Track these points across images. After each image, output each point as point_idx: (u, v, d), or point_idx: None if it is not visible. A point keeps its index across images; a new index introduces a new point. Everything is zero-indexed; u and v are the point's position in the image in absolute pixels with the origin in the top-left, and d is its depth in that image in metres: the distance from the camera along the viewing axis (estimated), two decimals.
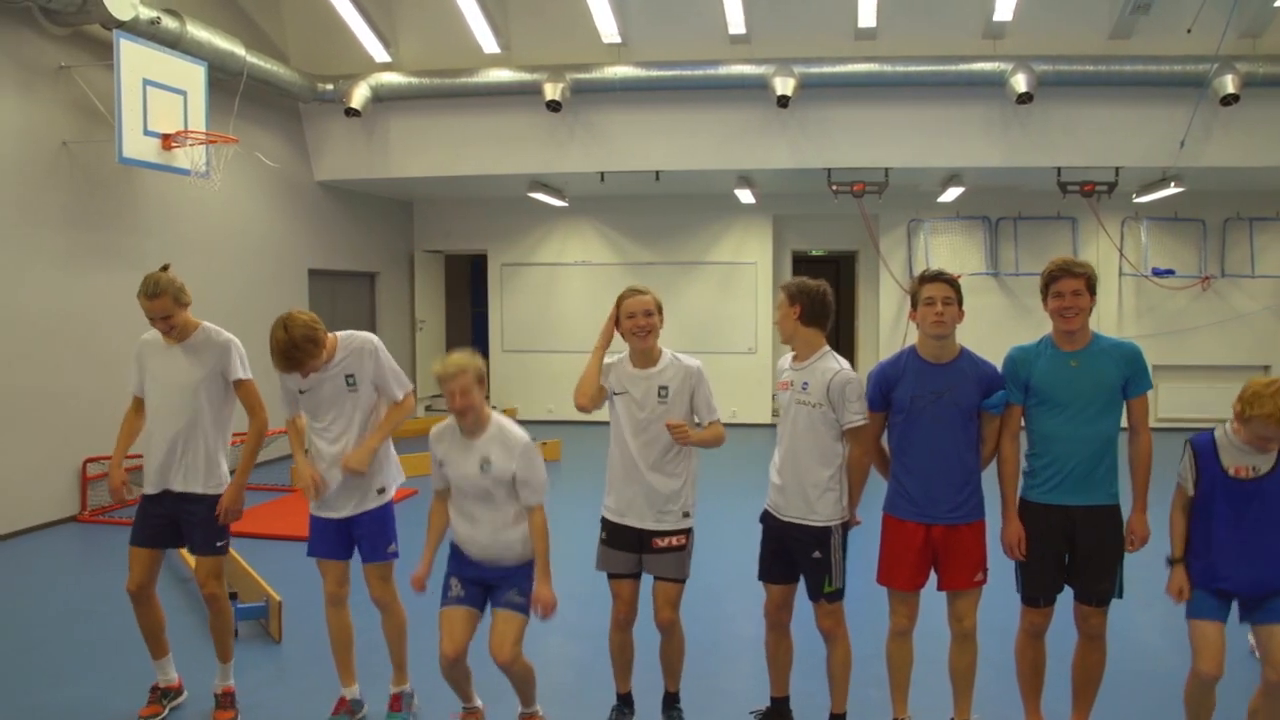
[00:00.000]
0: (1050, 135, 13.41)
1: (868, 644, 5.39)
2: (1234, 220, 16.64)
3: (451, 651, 4.70)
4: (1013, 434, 4.79)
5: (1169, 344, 15.94)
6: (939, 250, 16.96)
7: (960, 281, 4.74)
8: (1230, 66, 12.44)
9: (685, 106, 13.67)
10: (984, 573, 4.76)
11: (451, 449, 4.78)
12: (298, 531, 9.12)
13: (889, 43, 13.24)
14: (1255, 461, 4.30)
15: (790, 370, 4.94)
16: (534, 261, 17.89)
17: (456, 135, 14.15)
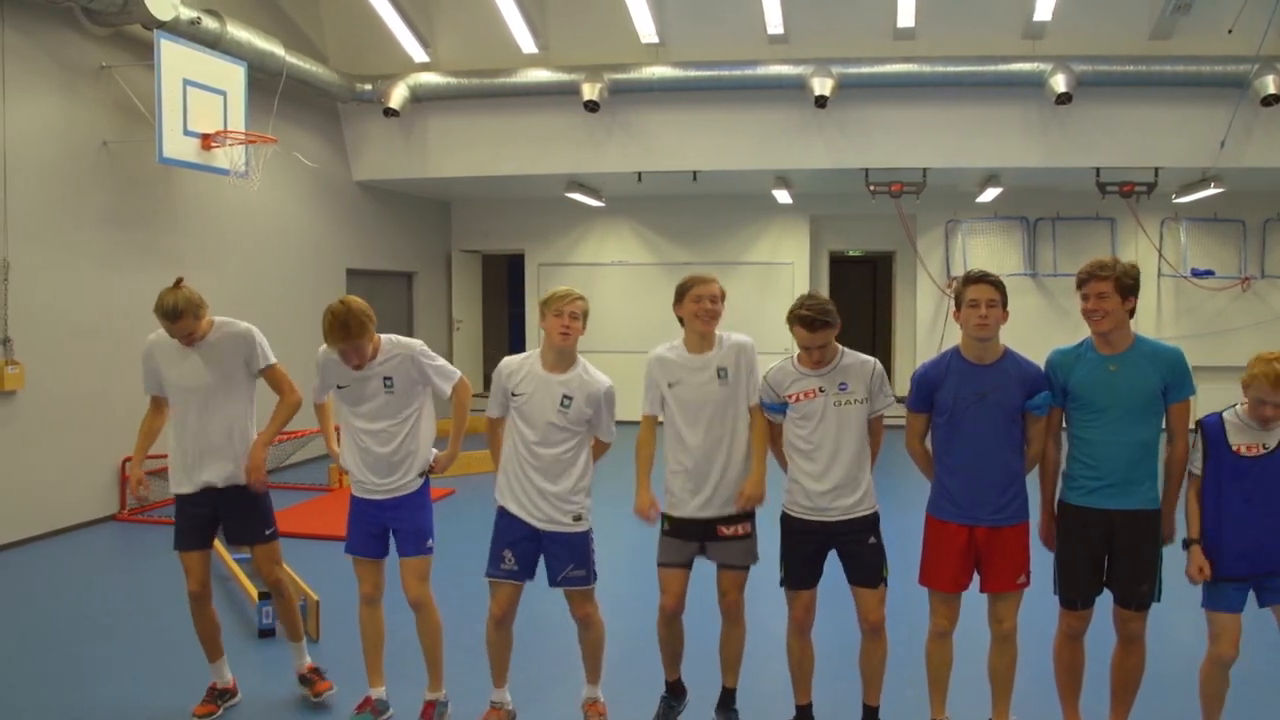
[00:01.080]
0: (1089, 136, 13.32)
1: (906, 645, 5.38)
2: (1274, 221, 16.51)
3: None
4: (1053, 435, 4.80)
5: (1208, 345, 15.77)
6: (977, 251, 16.87)
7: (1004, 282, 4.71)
8: (1271, 67, 12.31)
9: (723, 107, 13.67)
10: (1027, 575, 4.75)
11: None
12: (334, 531, 9.19)
13: (928, 43, 13.19)
14: (1264, 439, 4.38)
15: (812, 377, 4.88)
16: (571, 261, 17.93)
17: (494, 135, 14.20)
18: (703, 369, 4.99)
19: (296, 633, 5.52)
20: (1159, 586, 4.66)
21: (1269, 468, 4.40)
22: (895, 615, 5.03)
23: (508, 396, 5.04)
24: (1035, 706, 5.21)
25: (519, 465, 5.01)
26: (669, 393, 5.00)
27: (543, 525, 4.98)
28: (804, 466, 4.88)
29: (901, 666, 5.67)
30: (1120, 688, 4.84)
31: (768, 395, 4.93)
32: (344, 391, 5.15)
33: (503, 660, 5.21)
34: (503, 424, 5.12)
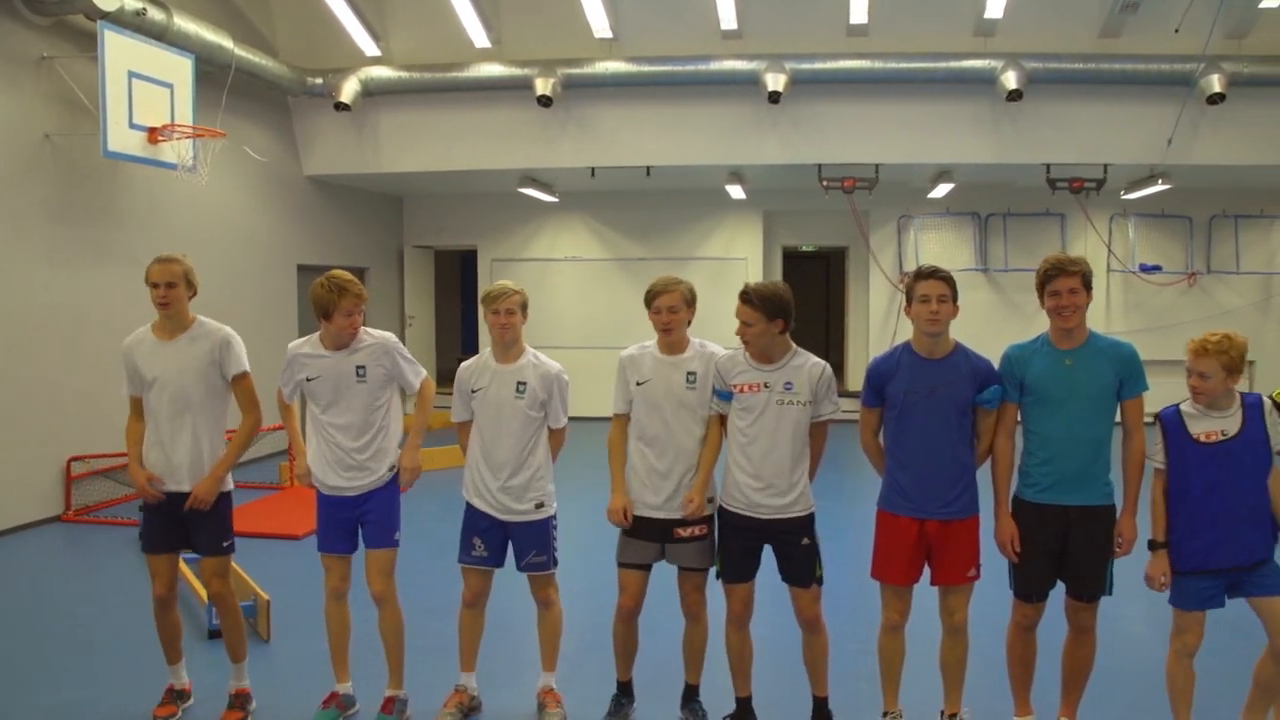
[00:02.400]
0: (1040, 132, 13.45)
1: (858, 638, 5.39)
2: (1220, 217, 16.76)
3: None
4: (1008, 431, 4.81)
5: (1156, 339, 15.91)
6: (929, 246, 16.99)
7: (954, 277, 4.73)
8: (1217, 66, 12.52)
9: (677, 102, 13.66)
10: (977, 568, 4.78)
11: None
12: (285, 529, 9.15)
13: (880, 39, 13.25)
14: (1222, 425, 4.43)
15: (760, 371, 4.89)
16: (524, 257, 17.85)
17: (447, 130, 14.11)
18: (673, 370, 5.01)
19: (239, 652, 5.38)
20: (1110, 580, 4.71)
21: (1231, 453, 4.43)
22: (848, 609, 5.06)
23: (468, 397, 5.18)
24: (987, 697, 5.23)
25: (483, 463, 5.15)
26: (636, 391, 5.02)
27: (506, 517, 5.13)
28: (739, 460, 4.89)
29: (855, 660, 5.70)
30: (1071, 678, 4.90)
31: (717, 381, 4.94)
32: (314, 384, 5.14)
33: (472, 644, 5.33)
34: (469, 427, 5.24)
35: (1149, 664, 4.98)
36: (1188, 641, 4.52)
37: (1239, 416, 4.46)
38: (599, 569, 5.43)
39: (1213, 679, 4.84)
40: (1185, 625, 4.53)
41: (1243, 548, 4.42)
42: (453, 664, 5.41)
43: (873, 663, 5.03)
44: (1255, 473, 4.43)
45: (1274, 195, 16.46)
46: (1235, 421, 4.45)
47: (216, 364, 5.18)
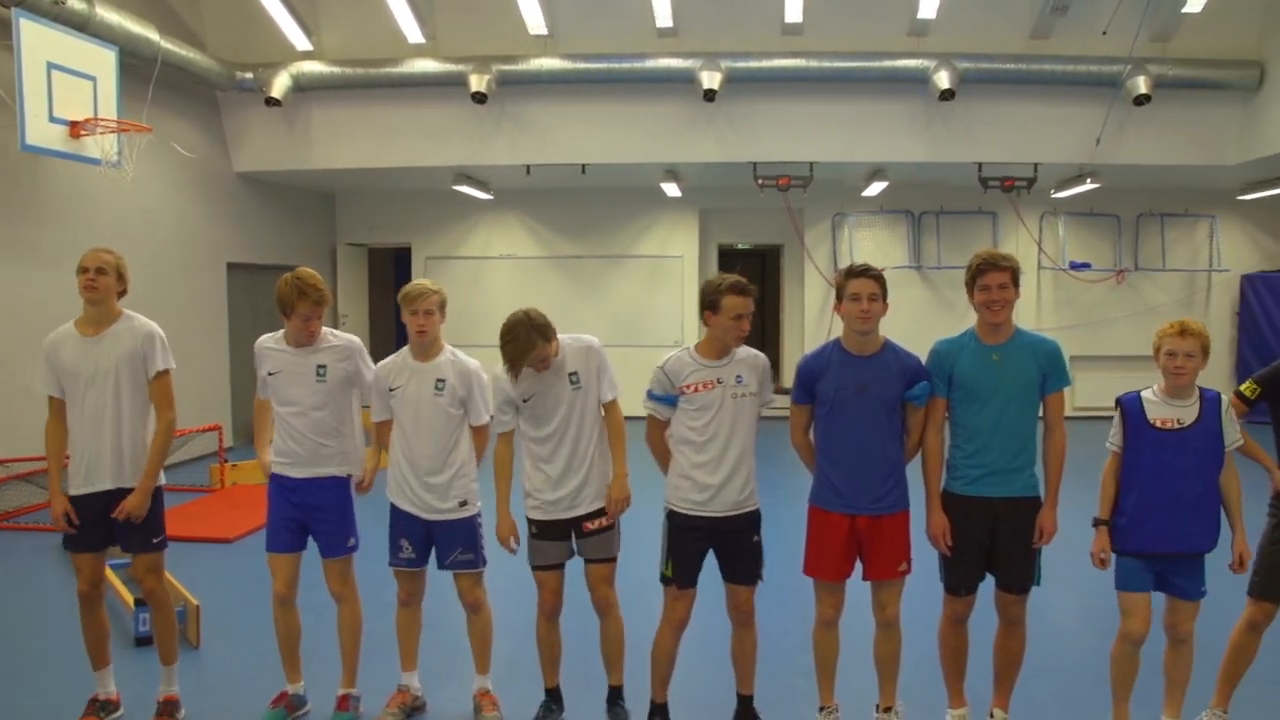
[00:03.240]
0: (972, 132, 13.62)
1: (794, 634, 5.39)
2: (1147, 216, 17.09)
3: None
4: (936, 426, 4.85)
5: (1086, 336, 16.26)
6: (863, 244, 17.11)
7: (885, 274, 4.74)
8: (1143, 68, 12.79)
9: (612, 99, 13.64)
10: (908, 563, 4.81)
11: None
12: (216, 533, 9.00)
13: (815, 39, 13.32)
14: (1179, 414, 4.56)
15: (710, 368, 4.87)
16: (459, 255, 17.72)
17: (380, 127, 13.97)
18: (556, 378, 4.95)
19: (170, 654, 5.27)
20: (1038, 571, 4.77)
21: (1185, 443, 4.56)
22: (782, 606, 5.05)
23: (387, 396, 5.14)
24: (921, 690, 5.28)
25: (405, 463, 5.11)
26: (525, 406, 4.94)
27: (430, 516, 5.10)
28: (694, 459, 4.85)
29: (790, 656, 5.71)
30: (1003, 669, 4.96)
31: (661, 386, 4.86)
32: (276, 379, 5.11)
33: (411, 644, 5.31)
34: (389, 426, 5.21)
35: (1079, 655, 5.05)
36: (1132, 627, 4.64)
37: (1197, 408, 4.60)
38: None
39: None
40: (1128, 608, 4.66)
41: (1183, 536, 4.57)
42: (391, 665, 5.36)
43: (808, 658, 5.04)
44: (1206, 464, 4.59)
45: (1198, 195, 16.82)
46: (1193, 412, 4.59)
47: (142, 359, 5.07)
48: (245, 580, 7.55)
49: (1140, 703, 4.80)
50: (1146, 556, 4.62)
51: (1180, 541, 4.58)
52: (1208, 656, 4.97)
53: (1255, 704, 5.23)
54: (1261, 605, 4.83)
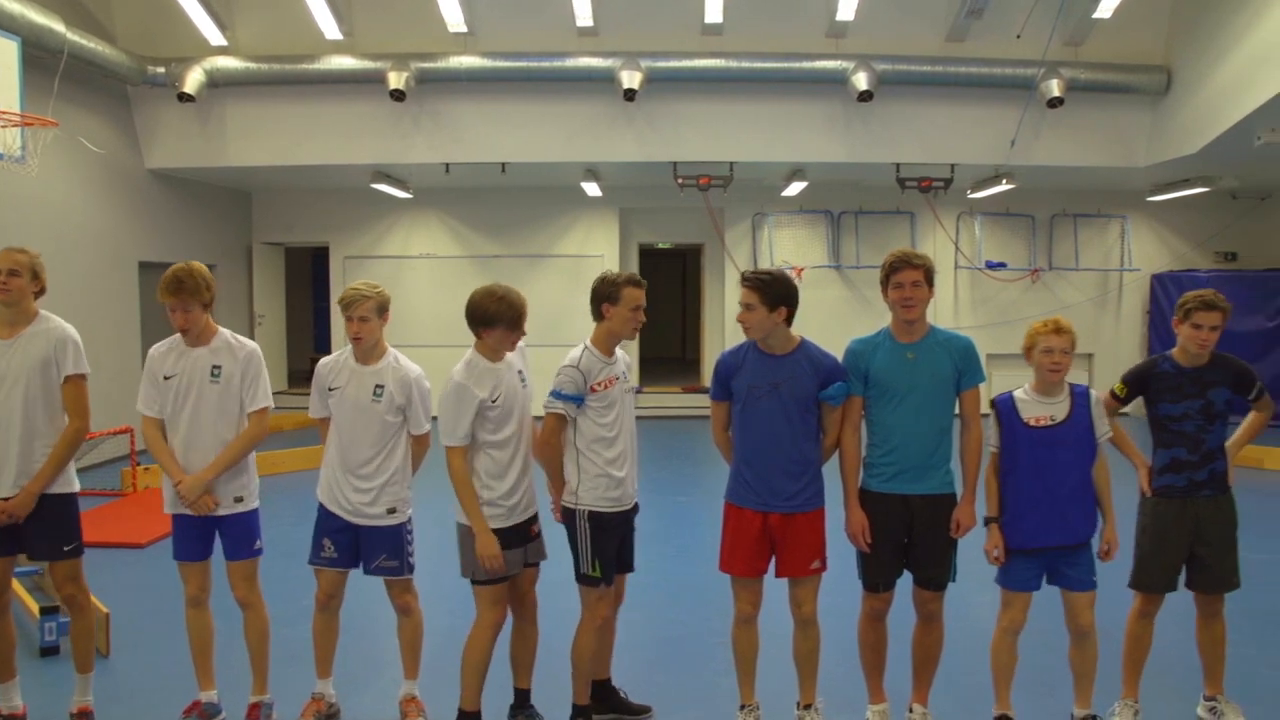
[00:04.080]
0: (890, 132, 13.78)
1: (718, 632, 5.40)
2: (1060, 216, 17.44)
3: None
4: (853, 425, 4.89)
5: (1002, 334, 16.49)
6: (783, 243, 17.22)
7: (800, 274, 4.79)
8: (1056, 71, 13.06)
9: (532, 98, 13.59)
10: (821, 561, 4.84)
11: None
12: (127, 538, 8.80)
13: (735, 39, 13.39)
14: (1051, 411, 4.74)
15: (608, 365, 4.92)
16: (378, 254, 17.53)
17: (297, 124, 13.78)
18: (509, 372, 4.92)
19: (87, 663, 5.12)
20: (954, 567, 4.85)
21: (1058, 438, 4.73)
22: (707, 604, 5.06)
23: (326, 394, 5.06)
24: (841, 686, 5.32)
25: (338, 463, 5.02)
26: (492, 409, 4.81)
27: (357, 520, 5.00)
28: (607, 455, 4.87)
29: (713, 655, 5.71)
30: (921, 664, 5.02)
31: (575, 385, 4.81)
32: (170, 384, 4.93)
33: (327, 650, 5.19)
34: (329, 423, 5.11)
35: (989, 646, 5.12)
36: (1013, 619, 4.83)
37: (1067, 404, 4.77)
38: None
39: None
40: (1009, 601, 4.85)
41: (1065, 527, 4.73)
42: (308, 671, 5.26)
43: (731, 655, 5.04)
44: (1079, 458, 4.76)
45: (1110, 195, 17.19)
46: (1064, 408, 4.76)
47: (54, 364, 4.92)
48: (157, 586, 7.37)
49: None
50: (1032, 553, 4.76)
51: (1062, 533, 4.74)
52: (1115, 647, 5.10)
53: (1162, 690, 5.37)
54: (1143, 594, 5.02)
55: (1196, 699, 5.23)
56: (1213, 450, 4.93)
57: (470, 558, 4.81)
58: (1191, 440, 4.90)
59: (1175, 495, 4.94)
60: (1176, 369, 4.95)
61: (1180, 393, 4.91)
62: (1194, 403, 4.89)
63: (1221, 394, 4.91)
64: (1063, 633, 4.94)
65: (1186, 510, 4.92)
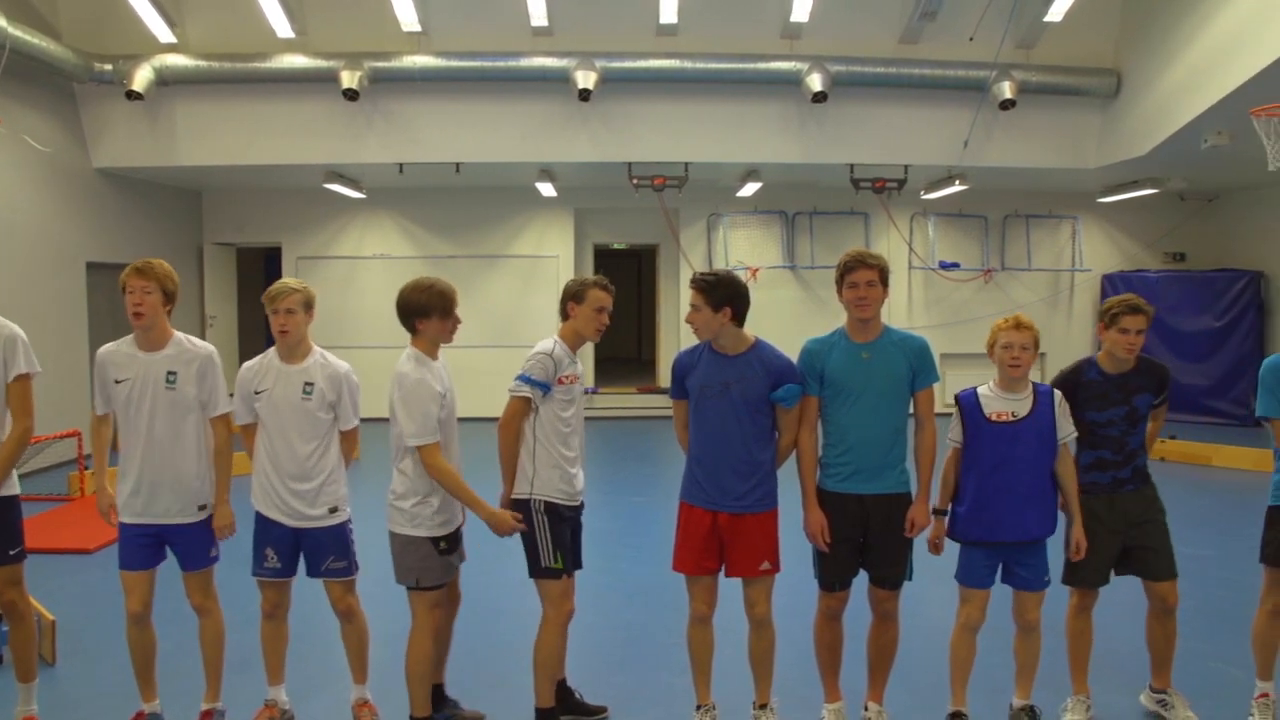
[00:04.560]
0: (844, 133, 13.84)
1: (674, 632, 5.40)
2: (1013, 217, 17.62)
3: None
4: (810, 425, 4.89)
5: (955, 334, 16.63)
6: (737, 244, 17.26)
7: (738, 276, 4.80)
8: (1008, 74, 13.17)
9: (486, 98, 13.53)
10: (772, 563, 4.83)
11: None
12: (75, 543, 8.68)
13: (689, 40, 13.41)
14: (1014, 407, 4.80)
15: (575, 362, 4.93)
16: (331, 255, 17.39)
17: (248, 123, 13.62)
18: (444, 371, 4.93)
19: (29, 671, 5.02)
20: (911, 566, 4.88)
21: (1020, 434, 4.78)
22: (663, 605, 5.05)
23: (251, 399, 4.96)
24: (797, 685, 5.33)
25: (271, 468, 4.94)
26: (443, 412, 4.82)
27: (298, 523, 4.92)
28: (564, 451, 4.87)
29: (669, 655, 5.71)
30: (877, 663, 5.05)
31: (545, 372, 4.78)
32: (122, 388, 4.83)
33: (277, 656, 5.13)
34: (254, 430, 5.01)
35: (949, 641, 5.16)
36: (971, 615, 4.91)
37: (1030, 401, 4.82)
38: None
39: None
40: (968, 599, 4.93)
41: (1021, 524, 4.79)
42: (257, 678, 5.21)
43: (685, 655, 5.03)
44: (1039, 455, 4.82)
45: (1061, 196, 17.38)
46: (1026, 405, 4.81)
47: (3, 361, 4.80)
48: (105, 593, 7.25)
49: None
50: (989, 546, 4.83)
51: (1018, 530, 4.80)
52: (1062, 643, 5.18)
53: (1109, 684, 5.43)
54: (1077, 590, 5.12)
55: (1141, 691, 5.31)
56: (1135, 450, 5.02)
57: (408, 563, 4.80)
58: (1116, 443, 4.99)
59: (1101, 492, 5.02)
60: (1103, 376, 5.02)
61: (1106, 400, 4.98)
62: (1119, 410, 4.97)
63: (1146, 399, 5.01)
64: (1012, 631, 5.02)
65: (1114, 505, 5.00)
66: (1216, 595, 6.98)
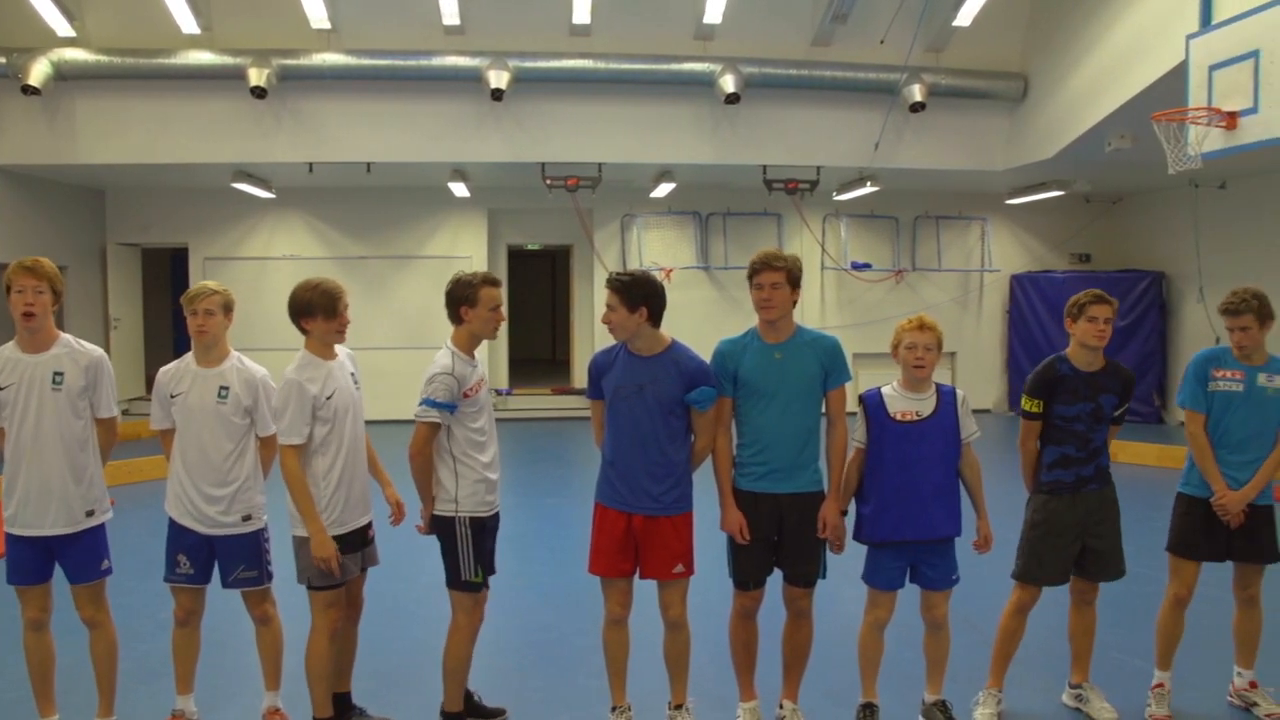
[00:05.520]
0: (757, 134, 13.92)
1: (589, 634, 5.38)
2: (923, 218, 17.87)
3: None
4: (724, 425, 4.90)
5: (868, 333, 16.80)
6: (651, 244, 17.29)
7: (653, 277, 4.79)
8: (918, 77, 13.36)
9: (398, 97, 13.39)
10: (686, 565, 4.81)
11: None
12: None
13: (603, 40, 13.39)
14: (918, 407, 4.86)
15: (475, 368, 4.90)
16: (239, 255, 17.07)
17: (153, 120, 13.31)
18: (341, 371, 4.89)
19: None
20: (824, 564, 4.90)
21: (924, 434, 4.85)
22: (577, 607, 5.02)
23: (168, 403, 4.85)
24: (713, 685, 5.35)
25: (185, 474, 4.82)
26: (326, 405, 4.74)
27: (211, 530, 4.81)
28: (483, 460, 4.83)
29: (584, 658, 5.68)
30: (791, 661, 5.07)
31: (447, 394, 4.69)
32: (6, 393, 4.66)
33: (188, 665, 5.01)
34: (171, 435, 4.89)
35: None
36: (879, 616, 4.99)
37: (934, 402, 4.89)
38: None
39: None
40: (877, 601, 5.01)
41: (927, 523, 4.85)
42: (164, 687, 5.09)
43: (600, 659, 5.01)
44: (943, 454, 4.89)
45: (970, 198, 17.66)
46: (930, 405, 4.88)
47: None
48: None
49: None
50: (895, 545, 4.88)
51: (924, 529, 4.86)
52: (983, 638, 5.22)
53: (1026, 681, 5.52)
54: (1026, 588, 5.18)
55: (1060, 689, 5.40)
56: (1099, 447, 5.11)
57: (303, 564, 4.73)
58: (1081, 439, 5.07)
59: (1064, 491, 5.10)
60: (1075, 372, 5.10)
61: (1076, 395, 5.06)
62: (1086, 405, 5.06)
63: (1110, 400, 5.09)
64: (922, 628, 5.09)
65: (1076, 505, 5.09)
66: (1120, 588, 7.09)
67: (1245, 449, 5.11)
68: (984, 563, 5.20)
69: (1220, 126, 8.23)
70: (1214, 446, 5.14)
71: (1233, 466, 5.11)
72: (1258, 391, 5.09)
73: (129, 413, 15.69)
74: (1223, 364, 5.17)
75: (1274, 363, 5.16)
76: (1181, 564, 5.21)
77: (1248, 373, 5.11)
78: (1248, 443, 5.11)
